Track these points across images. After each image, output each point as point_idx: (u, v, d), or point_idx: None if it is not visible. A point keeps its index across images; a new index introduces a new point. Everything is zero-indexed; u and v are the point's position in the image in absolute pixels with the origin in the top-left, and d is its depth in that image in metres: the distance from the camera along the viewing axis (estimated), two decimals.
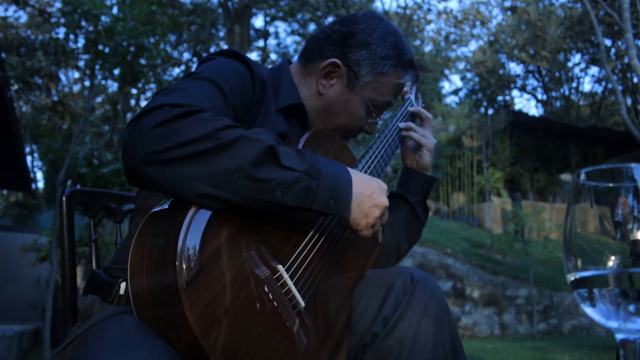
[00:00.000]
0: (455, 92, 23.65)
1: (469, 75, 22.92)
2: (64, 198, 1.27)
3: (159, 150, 0.78)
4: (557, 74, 20.09)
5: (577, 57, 20.78)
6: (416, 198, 1.33)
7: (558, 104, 21.28)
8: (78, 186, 1.59)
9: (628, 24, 5.52)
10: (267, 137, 0.84)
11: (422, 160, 1.32)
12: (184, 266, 0.74)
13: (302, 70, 1.21)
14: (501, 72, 21.79)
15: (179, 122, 0.80)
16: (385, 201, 0.95)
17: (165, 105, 0.82)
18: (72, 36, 6.27)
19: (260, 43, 17.68)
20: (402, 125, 1.31)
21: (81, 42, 6.40)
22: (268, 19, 16.85)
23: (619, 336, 0.50)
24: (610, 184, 0.51)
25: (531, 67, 21.13)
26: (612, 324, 0.50)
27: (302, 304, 0.88)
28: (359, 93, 1.17)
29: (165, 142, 0.79)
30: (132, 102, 13.63)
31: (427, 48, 19.19)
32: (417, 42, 15.01)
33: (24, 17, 16.05)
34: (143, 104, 14.34)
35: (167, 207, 0.83)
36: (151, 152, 0.79)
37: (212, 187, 0.79)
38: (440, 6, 24.45)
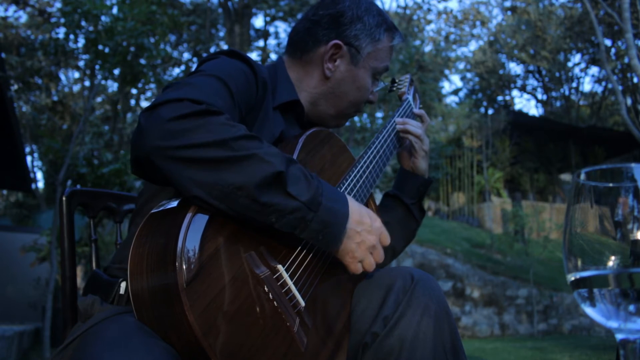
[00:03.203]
0: (455, 92, 23.65)
1: (469, 75, 22.92)
2: (64, 198, 1.27)
3: (172, 147, 0.78)
4: (557, 74, 20.09)
5: (577, 57, 20.80)
6: (412, 200, 1.34)
7: (558, 104, 21.28)
8: (78, 186, 1.58)
9: (628, 24, 5.52)
10: (280, 160, 0.83)
11: (417, 166, 1.34)
12: (184, 266, 0.74)
13: (298, 63, 1.21)
14: (501, 72, 21.78)
15: (196, 120, 0.79)
16: (372, 240, 0.93)
17: (184, 100, 0.81)
18: (72, 36, 6.27)
19: (260, 43, 17.68)
20: (399, 127, 1.31)
21: (81, 42, 6.40)
22: (268, 19, 16.85)
23: (619, 336, 0.50)
24: (610, 184, 0.51)
25: (531, 67, 21.13)
26: (612, 324, 0.50)
27: (302, 303, 0.88)
28: (363, 66, 1.20)
29: (180, 138, 0.78)
30: (132, 102, 13.63)
31: (427, 48, 19.18)
32: (417, 42, 15.00)
33: (24, 17, 16.06)
34: (143, 104, 14.35)
35: (167, 207, 0.83)
36: (164, 147, 0.78)
37: (212, 197, 0.79)
38: (440, 6, 24.48)
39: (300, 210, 0.82)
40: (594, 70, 22.39)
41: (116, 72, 6.26)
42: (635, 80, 14.27)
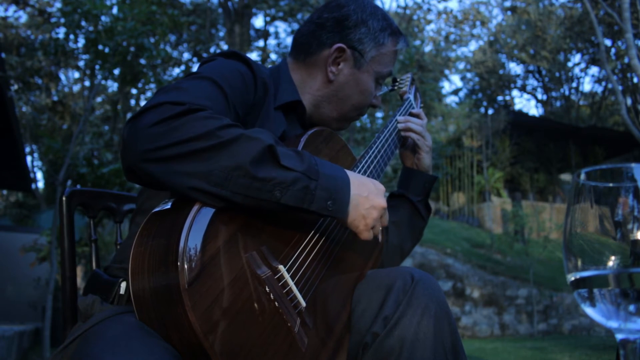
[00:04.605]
0: (455, 92, 23.66)
1: (469, 75, 22.93)
2: (64, 198, 1.27)
3: (158, 148, 0.78)
4: (557, 74, 20.09)
5: (577, 57, 20.82)
6: (418, 197, 1.34)
7: (558, 104, 21.29)
8: (78, 186, 1.59)
9: (628, 24, 5.52)
10: (267, 136, 0.84)
11: (421, 163, 1.34)
12: (186, 266, 0.74)
13: (302, 65, 1.21)
14: (501, 72, 21.80)
15: (178, 120, 0.80)
16: (382, 202, 0.95)
17: (165, 103, 0.82)
18: (72, 36, 6.27)
19: (260, 43, 17.69)
20: (401, 126, 1.31)
21: (81, 42, 6.40)
22: (268, 19, 16.86)
23: (619, 336, 0.50)
24: (610, 184, 0.51)
25: (531, 67, 21.14)
26: (612, 324, 0.50)
27: (303, 304, 0.88)
28: (367, 70, 1.20)
29: (164, 139, 0.79)
30: (132, 102, 13.63)
31: (427, 48, 19.19)
32: (417, 42, 15.00)
33: (24, 17, 16.06)
34: (143, 104, 14.30)
35: (168, 207, 0.83)
36: (150, 150, 0.79)
37: (212, 184, 0.79)
38: (440, 6, 24.47)
39: (301, 180, 0.83)
40: (594, 70, 22.42)
41: (116, 72, 6.25)
42: (635, 80, 14.27)
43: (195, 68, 1.07)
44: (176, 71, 13.96)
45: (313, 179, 0.85)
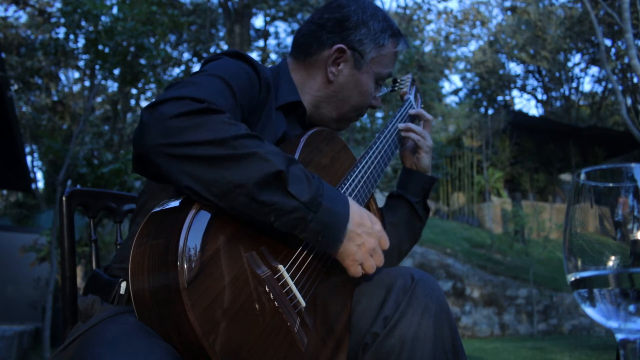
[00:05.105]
0: (455, 92, 23.65)
1: (469, 75, 22.93)
2: (64, 198, 1.27)
3: (172, 144, 0.78)
4: (557, 74, 20.09)
5: (577, 57, 20.80)
6: (416, 198, 1.34)
7: (558, 104, 21.28)
8: (78, 186, 1.59)
9: (628, 24, 5.53)
10: (280, 159, 0.83)
11: (420, 163, 1.33)
12: (185, 266, 0.74)
13: (302, 65, 1.21)
14: (501, 72, 21.79)
15: (198, 118, 0.80)
16: (373, 243, 0.94)
17: (185, 98, 0.82)
18: (72, 36, 6.27)
19: (260, 43, 17.69)
20: (401, 126, 1.31)
21: (81, 42, 6.41)
22: (268, 19, 16.86)
23: (619, 336, 0.50)
24: (610, 184, 0.51)
25: (531, 67, 21.13)
26: (612, 324, 0.50)
27: (303, 303, 0.88)
28: (367, 70, 1.20)
29: (179, 136, 0.78)
30: (132, 102, 13.63)
31: (427, 48, 19.18)
32: (417, 42, 14.99)
33: (24, 17, 16.06)
34: (143, 104, 14.34)
35: (167, 207, 0.83)
36: (164, 144, 0.78)
37: (211, 194, 0.79)
38: (440, 6, 24.48)
39: (299, 210, 0.82)
40: (594, 70, 22.42)
41: (116, 72, 6.25)
42: (635, 80, 14.28)
43: (195, 68, 1.07)
44: (176, 71, 13.97)
45: (312, 210, 0.84)
